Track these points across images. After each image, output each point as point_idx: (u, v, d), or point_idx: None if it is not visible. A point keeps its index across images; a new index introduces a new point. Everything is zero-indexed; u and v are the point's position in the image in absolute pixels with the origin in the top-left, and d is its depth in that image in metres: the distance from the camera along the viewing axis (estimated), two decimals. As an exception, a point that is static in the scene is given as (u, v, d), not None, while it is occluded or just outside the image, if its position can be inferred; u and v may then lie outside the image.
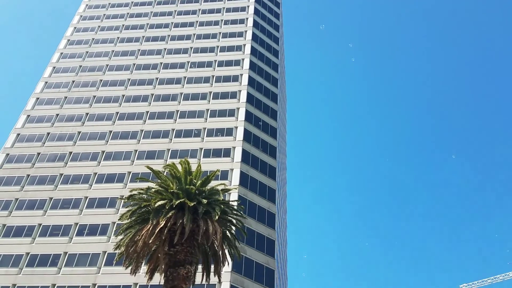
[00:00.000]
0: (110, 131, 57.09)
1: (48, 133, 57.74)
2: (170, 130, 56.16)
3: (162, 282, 21.01)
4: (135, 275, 22.88)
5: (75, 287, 43.21)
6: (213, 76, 62.27)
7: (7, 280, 43.92)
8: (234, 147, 52.90)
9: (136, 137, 55.94)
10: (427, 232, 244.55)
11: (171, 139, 55.09)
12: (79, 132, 57.45)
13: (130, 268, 22.19)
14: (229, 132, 54.73)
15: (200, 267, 23.59)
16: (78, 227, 47.91)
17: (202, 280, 23.08)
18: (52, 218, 48.78)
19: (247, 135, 54.54)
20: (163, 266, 20.81)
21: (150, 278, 22.17)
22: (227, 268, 40.37)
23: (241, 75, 61.71)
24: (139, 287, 42.69)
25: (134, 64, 65.57)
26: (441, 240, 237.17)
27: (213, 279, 25.03)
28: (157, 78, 63.26)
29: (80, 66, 66.58)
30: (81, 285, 43.33)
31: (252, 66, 63.10)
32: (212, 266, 22.71)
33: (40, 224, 48.38)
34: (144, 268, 24.31)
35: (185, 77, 62.76)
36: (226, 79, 61.41)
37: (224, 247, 22.45)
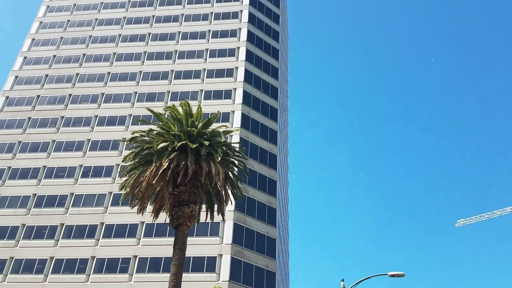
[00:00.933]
0: (109, 73, 56.24)
1: (47, 75, 56.95)
2: (169, 71, 55.24)
3: (167, 221, 21.62)
4: (142, 214, 23.52)
5: (83, 226, 44.74)
6: (212, 13, 60.18)
7: (16, 220, 45.41)
8: (235, 89, 52.31)
9: (135, 78, 55.18)
10: (425, 167, 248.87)
11: (171, 81, 54.37)
12: (77, 74, 56.64)
13: (136, 208, 22.74)
14: (229, 73, 53.85)
15: (204, 206, 24.19)
16: (82, 169, 48.67)
17: (206, 218, 23.76)
18: (56, 160, 49.43)
19: (248, 76, 53.71)
20: (168, 206, 21.29)
21: (156, 216, 22.77)
22: (230, 207, 41.49)
23: (241, 11, 59.58)
24: (146, 226, 44.14)
25: (130, 2, 63.18)
26: (441, 176, 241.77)
27: (217, 218, 25.75)
28: (153, 16, 61.24)
29: (75, 4, 64.26)
30: (89, 224, 44.81)
31: (252, 1, 60.76)
32: (216, 206, 23.27)
33: (45, 166, 49.11)
34: (149, 208, 24.92)
35: (183, 14, 60.70)
36: (226, 16, 59.39)
37: (227, 188, 22.85)
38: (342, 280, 20.44)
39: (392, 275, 20.01)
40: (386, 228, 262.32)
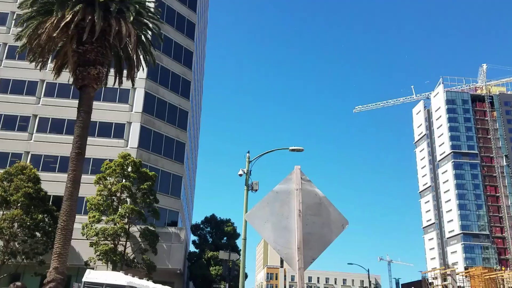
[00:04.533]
0: None
1: None
2: None
3: (71, 81, 20.05)
4: (40, 70, 21.49)
5: (-27, 78, 40.36)
6: None
7: None
8: None
9: None
10: (329, 49, 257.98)
11: None
12: None
13: (34, 63, 20.56)
14: None
15: (113, 71, 22.67)
16: (-31, 12, 42.11)
17: (114, 83, 22.46)
18: None
19: None
20: (72, 65, 19.50)
21: (58, 75, 20.92)
22: (142, 74, 39.81)
23: None
24: (47, 84, 41.11)
25: None
26: (345, 60, 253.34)
27: (127, 84, 24.56)
28: None
29: None
30: (-20, 76, 40.51)
31: None
32: (126, 71, 21.89)
33: None
34: (50, 65, 22.78)
35: None
36: None
37: (139, 52, 21.35)
38: (248, 152, 21.45)
39: (293, 149, 21.43)
40: (291, 111, 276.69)
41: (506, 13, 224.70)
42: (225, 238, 48.89)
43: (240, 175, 20.84)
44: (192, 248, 49.97)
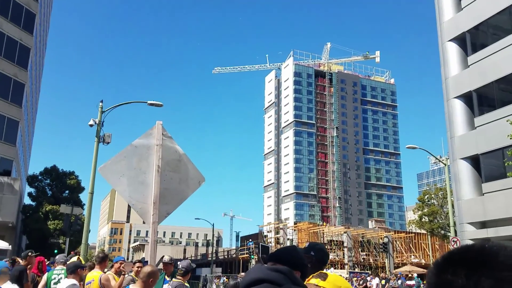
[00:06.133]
0: None
1: None
2: None
3: None
4: None
5: None
6: None
7: None
8: None
9: None
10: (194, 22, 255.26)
11: None
12: None
13: None
14: None
15: None
16: None
17: None
18: None
19: None
20: None
21: None
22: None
23: None
24: None
25: None
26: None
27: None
28: None
29: None
30: None
31: None
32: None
33: None
34: None
35: None
36: None
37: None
38: (101, 102, 20.34)
39: (151, 104, 21.11)
40: (154, 68, 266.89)
41: None
42: (67, 191, 45.96)
43: (91, 125, 19.71)
44: (28, 201, 45.82)
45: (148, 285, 4.91)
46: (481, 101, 25.72)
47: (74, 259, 8.20)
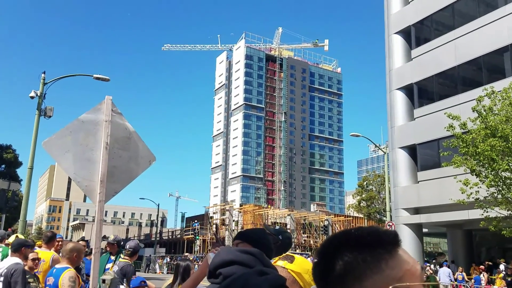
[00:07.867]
0: None
1: None
2: None
3: None
4: None
5: None
6: None
7: None
8: None
9: None
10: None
11: None
12: None
13: None
14: None
15: None
16: None
17: None
18: None
19: None
20: None
21: None
22: None
23: None
24: None
25: None
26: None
27: None
28: None
29: None
30: None
31: None
32: None
33: None
34: None
35: None
36: None
37: None
38: (44, 73, 19.24)
39: (97, 78, 20.26)
40: (103, 40, 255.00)
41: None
42: (3, 165, 43.50)
43: (32, 97, 18.62)
44: (-42, 175, 42.75)
45: (73, 259, 4.99)
46: (421, 93, 27.13)
47: (13, 237, 7.84)
